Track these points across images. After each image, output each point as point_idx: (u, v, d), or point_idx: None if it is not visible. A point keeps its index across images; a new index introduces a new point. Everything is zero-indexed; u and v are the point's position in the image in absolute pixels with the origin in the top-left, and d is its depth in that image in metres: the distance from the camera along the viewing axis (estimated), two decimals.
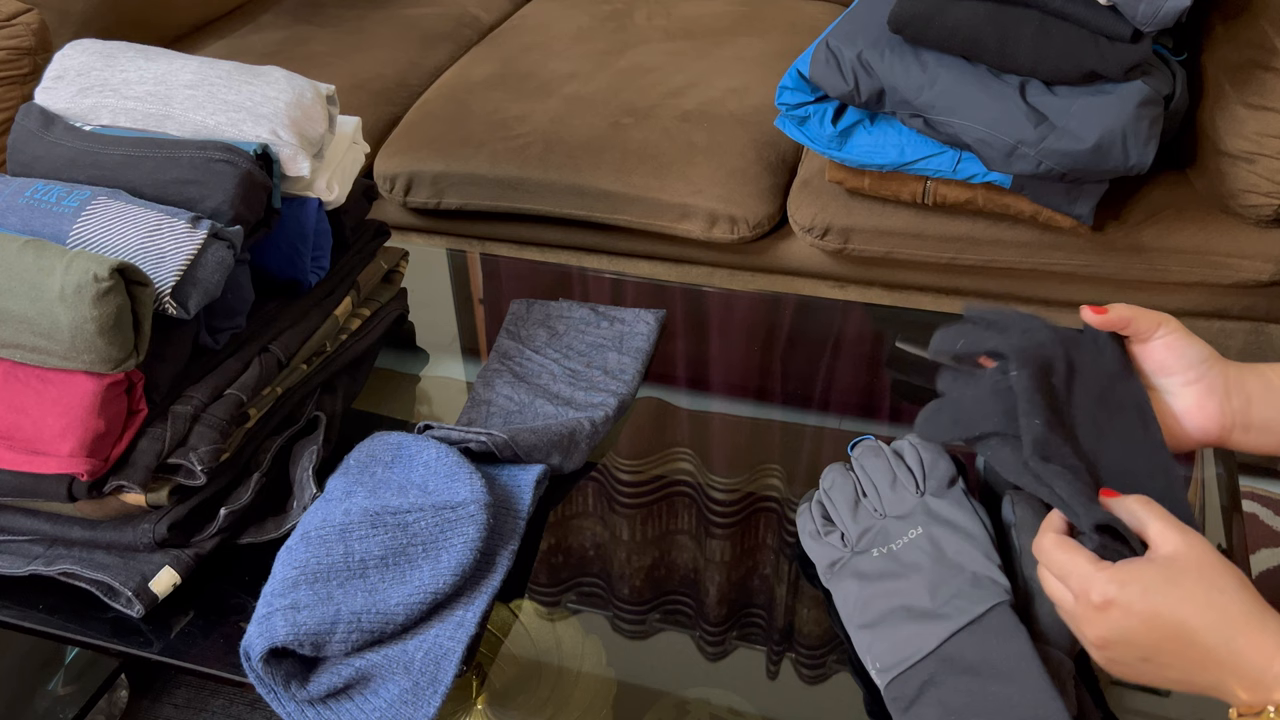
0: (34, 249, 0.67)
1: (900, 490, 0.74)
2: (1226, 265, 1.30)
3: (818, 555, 0.75)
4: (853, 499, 0.76)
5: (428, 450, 0.78)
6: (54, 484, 0.70)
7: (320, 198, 0.85)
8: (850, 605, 0.71)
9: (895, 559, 0.71)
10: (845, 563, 0.73)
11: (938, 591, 0.68)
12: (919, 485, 0.74)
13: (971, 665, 0.64)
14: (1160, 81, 1.19)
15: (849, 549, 0.73)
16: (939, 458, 0.76)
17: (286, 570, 0.69)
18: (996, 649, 0.64)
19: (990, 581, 0.67)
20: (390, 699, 0.66)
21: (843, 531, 0.75)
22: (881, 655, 0.67)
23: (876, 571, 0.71)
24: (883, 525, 0.73)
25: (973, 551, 0.69)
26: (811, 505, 0.78)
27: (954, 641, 0.65)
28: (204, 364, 0.77)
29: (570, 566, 0.80)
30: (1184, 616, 0.55)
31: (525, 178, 1.48)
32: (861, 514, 0.75)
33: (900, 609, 0.68)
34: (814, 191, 1.40)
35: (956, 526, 0.71)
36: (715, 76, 1.61)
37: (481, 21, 1.94)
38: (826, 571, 0.74)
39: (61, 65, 0.82)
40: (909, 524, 0.72)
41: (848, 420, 0.94)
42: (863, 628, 0.69)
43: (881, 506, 0.74)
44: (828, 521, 0.76)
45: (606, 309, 1.02)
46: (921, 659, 0.65)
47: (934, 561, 0.69)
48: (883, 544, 0.72)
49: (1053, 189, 1.25)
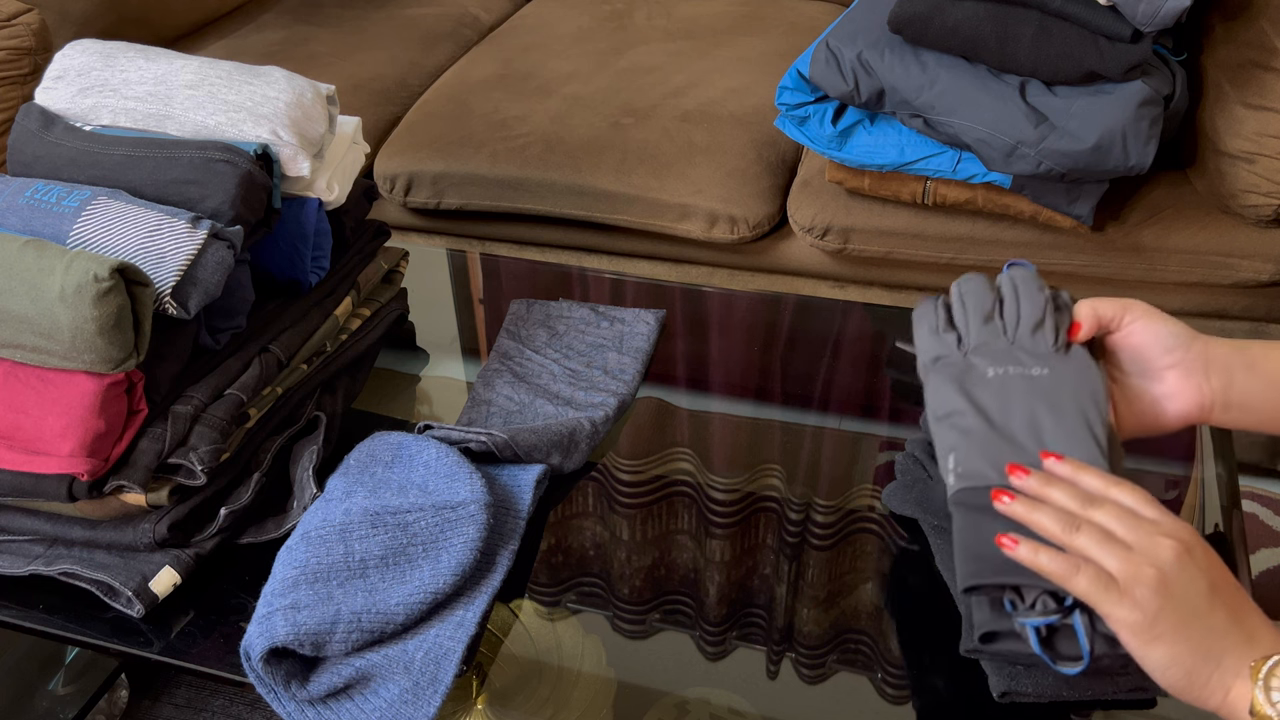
0: (34, 249, 0.67)
1: (1042, 335, 0.71)
2: (1226, 265, 1.30)
3: (926, 345, 0.73)
4: (989, 310, 0.73)
5: (428, 450, 0.78)
6: (54, 484, 0.70)
7: (320, 198, 0.85)
8: (945, 403, 0.69)
9: (1009, 384, 0.69)
10: (953, 362, 0.71)
11: (1041, 430, 0.66)
12: (1058, 340, 0.71)
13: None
14: (1160, 81, 1.19)
15: (962, 352, 0.71)
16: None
17: (286, 570, 0.69)
18: None
19: (1094, 445, 0.66)
20: (390, 699, 0.66)
21: (961, 335, 0.72)
22: (965, 461, 0.66)
23: (984, 385, 0.69)
24: (1009, 350, 0.71)
25: (1089, 411, 0.67)
26: (938, 302, 0.75)
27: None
28: (204, 364, 0.77)
29: (570, 566, 0.80)
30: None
31: (525, 178, 1.48)
32: (991, 330, 0.72)
33: (997, 431, 0.67)
34: (814, 191, 1.40)
35: (1082, 385, 0.68)
36: (715, 76, 1.61)
37: (481, 21, 1.94)
38: (928, 363, 0.72)
39: (62, 65, 0.82)
40: (1037, 362, 0.70)
41: (848, 420, 0.94)
42: (951, 428, 0.68)
43: (1015, 336, 0.71)
44: (949, 323, 0.74)
45: (606, 309, 1.02)
46: (1003, 485, 0.64)
47: (1046, 403, 0.67)
48: (1001, 365, 0.70)
49: (1053, 189, 1.25)
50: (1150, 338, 0.69)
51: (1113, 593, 0.57)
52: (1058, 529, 0.60)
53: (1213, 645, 0.56)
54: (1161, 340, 0.69)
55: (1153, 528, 0.58)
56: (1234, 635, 0.56)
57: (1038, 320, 0.71)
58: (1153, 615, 0.56)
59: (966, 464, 0.67)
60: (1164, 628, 0.56)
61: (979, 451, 0.67)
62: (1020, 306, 0.72)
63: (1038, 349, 0.70)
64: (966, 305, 0.73)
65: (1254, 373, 0.68)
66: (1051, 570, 0.59)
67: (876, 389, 0.98)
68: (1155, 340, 0.69)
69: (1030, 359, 0.70)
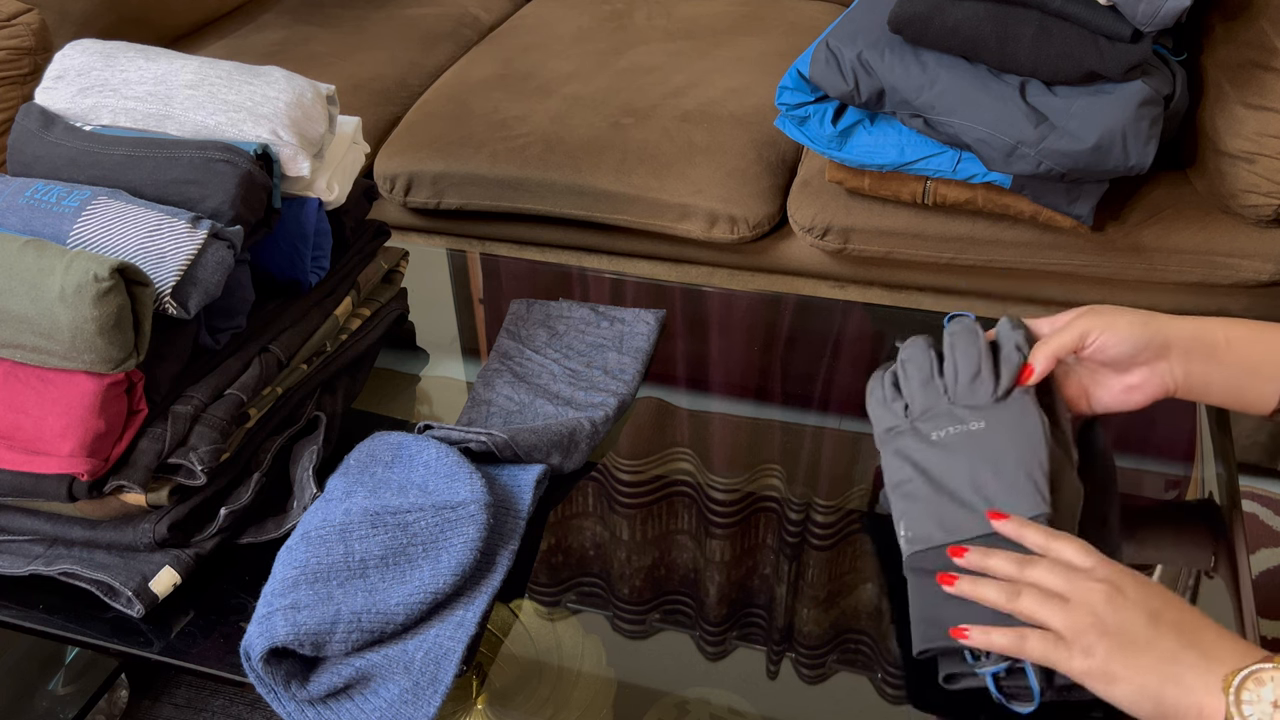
0: (34, 249, 0.67)
1: (979, 385, 0.74)
2: (1226, 265, 1.30)
3: (877, 418, 0.77)
4: (927, 374, 0.76)
5: (428, 450, 0.78)
6: (54, 484, 0.70)
7: (320, 198, 0.85)
8: (895, 473, 0.73)
9: (950, 445, 0.72)
10: (901, 431, 0.75)
11: (983, 487, 0.69)
12: (997, 387, 0.74)
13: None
14: (1160, 81, 1.19)
15: (909, 421, 0.75)
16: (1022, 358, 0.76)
17: (286, 570, 0.69)
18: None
19: (1035, 493, 0.69)
20: (390, 699, 0.66)
21: (907, 403, 0.76)
22: (913, 526, 0.70)
23: (928, 449, 0.73)
24: (949, 410, 0.74)
25: (1027, 459, 0.70)
26: (885, 373, 0.80)
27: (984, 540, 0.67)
28: (204, 364, 0.77)
29: (570, 566, 0.80)
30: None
31: (525, 178, 1.48)
32: (931, 393, 0.76)
33: (942, 492, 0.70)
34: (814, 191, 1.40)
35: (1019, 432, 0.72)
36: (715, 76, 1.61)
37: (481, 21, 1.94)
38: (882, 435, 0.76)
39: (62, 65, 0.82)
40: (975, 416, 0.73)
41: (847, 420, 0.94)
42: (902, 497, 0.72)
43: (955, 394, 0.75)
44: (897, 391, 0.78)
45: (606, 309, 1.02)
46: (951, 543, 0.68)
47: (986, 458, 0.71)
48: (942, 427, 0.73)
49: (1053, 189, 1.25)
50: (1116, 350, 0.73)
51: (1061, 650, 0.60)
52: (1002, 599, 0.63)
53: (1169, 670, 0.57)
54: (1126, 349, 0.73)
55: (1084, 575, 0.62)
56: (1188, 655, 0.57)
57: (974, 373, 0.75)
58: (1102, 659, 0.59)
59: (915, 529, 0.70)
60: (1116, 667, 0.58)
61: (926, 515, 0.70)
62: (957, 362, 0.76)
63: (976, 400, 0.74)
64: (908, 372, 0.77)
65: (1212, 361, 0.72)
66: (1004, 648, 0.62)
67: None
68: (1121, 351, 0.73)
69: (969, 413, 0.73)
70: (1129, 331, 0.72)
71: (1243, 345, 0.72)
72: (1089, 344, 0.73)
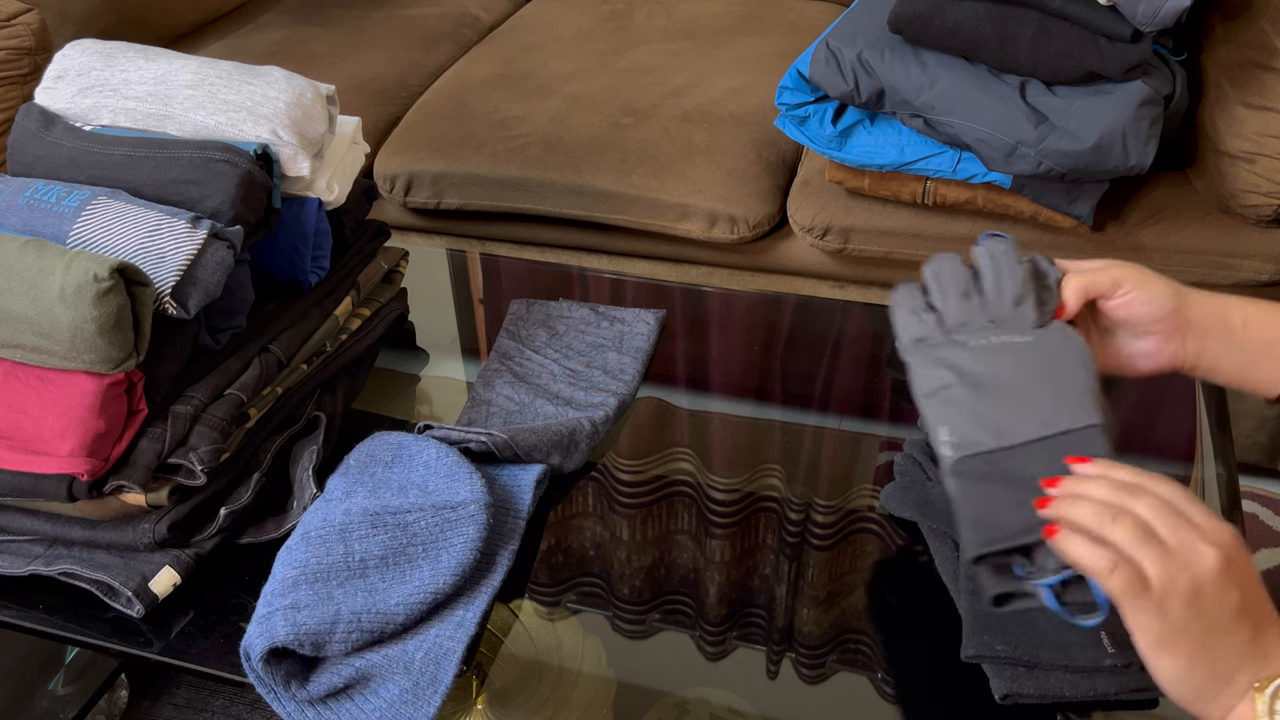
0: (34, 249, 0.67)
1: (1023, 309, 0.70)
2: (1226, 265, 1.30)
3: (905, 326, 0.72)
4: (963, 289, 0.71)
5: (428, 450, 0.78)
6: (54, 484, 0.70)
7: (320, 198, 0.85)
8: (929, 380, 0.68)
9: (995, 351, 0.68)
10: (935, 342, 0.70)
11: (1033, 393, 0.65)
12: (1040, 313, 0.69)
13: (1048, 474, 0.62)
14: (1160, 81, 1.19)
15: (943, 332, 0.70)
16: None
17: (286, 570, 0.69)
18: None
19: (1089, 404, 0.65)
20: (390, 699, 0.66)
21: (941, 315, 0.71)
22: (958, 431, 0.65)
23: (970, 355, 0.68)
24: (990, 325, 0.69)
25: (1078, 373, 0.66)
26: (915, 286, 0.74)
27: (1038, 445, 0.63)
28: (204, 364, 0.77)
29: (570, 566, 0.80)
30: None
31: (525, 178, 1.48)
32: (970, 307, 0.71)
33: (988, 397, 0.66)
34: (814, 191, 1.40)
35: (1067, 349, 0.68)
36: (715, 76, 1.61)
37: (481, 21, 1.94)
38: (910, 344, 0.71)
39: (61, 65, 0.82)
40: (1020, 333, 0.69)
41: (848, 420, 0.94)
42: (942, 402, 0.67)
43: (997, 313, 0.70)
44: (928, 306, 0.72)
45: (606, 309, 1.02)
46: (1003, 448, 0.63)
47: (1036, 368, 0.67)
48: (984, 337, 0.69)
49: (1053, 189, 1.25)
50: (1142, 309, 0.69)
51: (1142, 599, 0.54)
52: (1094, 521, 0.56)
53: (1227, 664, 0.54)
54: (1152, 311, 0.69)
55: (1196, 532, 0.55)
56: (1249, 655, 0.54)
57: (1018, 295, 0.70)
58: (1179, 629, 0.54)
59: (961, 433, 0.65)
60: (1185, 643, 0.54)
61: (972, 418, 0.65)
62: (1001, 281, 0.71)
63: (1019, 324, 0.69)
64: (943, 284, 0.72)
65: (1228, 342, 0.70)
66: (1087, 564, 0.56)
67: (876, 389, 0.98)
68: (1147, 312, 0.70)
69: (1013, 329, 0.69)
70: (1161, 295, 0.69)
71: (1258, 326, 0.70)
72: (1120, 295, 0.69)
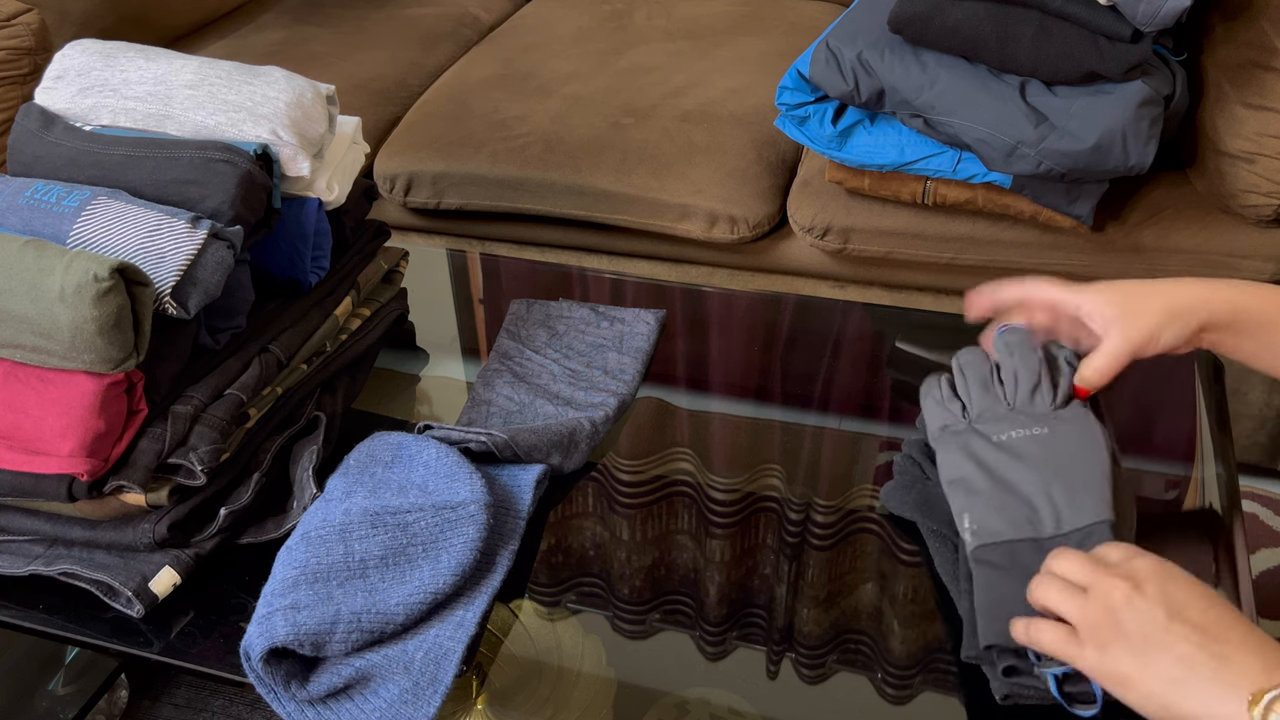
0: (34, 249, 0.67)
1: (1040, 396, 0.75)
2: (1226, 265, 1.30)
3: (933, 416, 0.78)
4: (985, 380, 0.78)
5: (428, 450, 0.78)
6: (54, 484, 0.70)
7: (320, 198, 0.85)
8: (954, 469, 0.74)
9: (1015, 447, 0.73)
10: (959, 430, 0.76)
11: (1050, 490, 0.70)
12: (1055, 398, 0.75)
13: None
14: (1160, 81, 1.19)
15: (967, 421, 0.76)
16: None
17: (286, 570, 0.69)
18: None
19: (1100, 500, 0.69)
20: (390, 699, 0.66)
21: (965, 404, 0.77)
22: (979, 520, 0.70)
23: (992, 449, 0.73)
24: (1009, 415, 0.75)
25: (1091, 467, 0.71)
26: (941, 377, 0.81)
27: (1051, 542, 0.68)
28: (204, 364, 0.77)
29: (570, 566, 0.80)
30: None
31: (525, 178, 1.48)
32: (991, 397, 0.77)
33: (1007, 490, 0.71)
34: (814, 191, 1.40)
35: (1082, 440, 0.72)
36: (715, 76, 1.61)
37: (481, 21, 1.94)
38: (937, 433, 0.77)
39: (61, 65, 0.82)
40: (1037, 423, 0.74)
41: (847, 420, 0.94)
42: (964, 492, 0.72)
43: (1015, 402, 0.76)
44: (953, 393, 0.79)
45: (606, 309, 1.02)
46: (1019, 540, 0.68)
47: (1050, 462, 0.71)
48: (1004, 431, 0.74)
49: (1053, 189, 1.25)
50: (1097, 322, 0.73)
51: (1073, 645, 0.59)
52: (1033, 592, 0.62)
53: (1180, 676, 0.54)
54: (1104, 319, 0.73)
55: (1108, 569, 0.59)
56: (1204, 661, 0.54)
57: (1034, 384, 0.76)
58: (1114, 659, 0.57)
59: (981, 522, 0.71)
60: (1128, 668, 0.56)
61: (992, 510, 0.71)
62: (1017, 372, 0.76)
63: (1036, 410, 0.75)
64: (967, 376, 0.79)
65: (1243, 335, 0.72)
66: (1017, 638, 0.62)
67: (876, 389, 0.98)
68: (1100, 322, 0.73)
69: (1030, 421, 0.74)
70: (1173, 338, 0.71)
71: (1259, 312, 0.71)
72: (1079, 306, 0.74)
